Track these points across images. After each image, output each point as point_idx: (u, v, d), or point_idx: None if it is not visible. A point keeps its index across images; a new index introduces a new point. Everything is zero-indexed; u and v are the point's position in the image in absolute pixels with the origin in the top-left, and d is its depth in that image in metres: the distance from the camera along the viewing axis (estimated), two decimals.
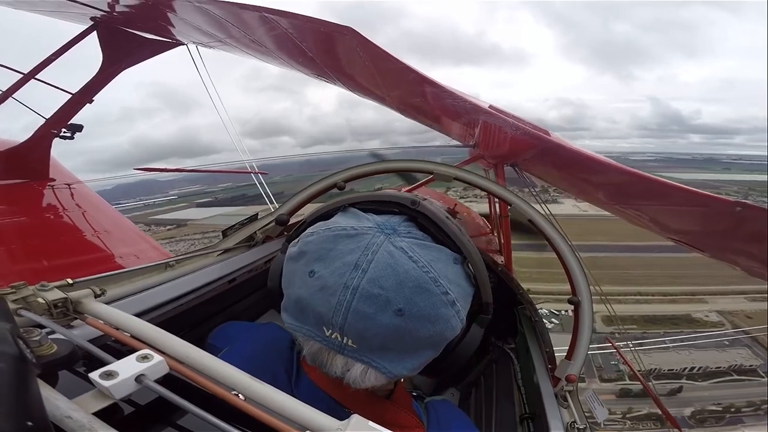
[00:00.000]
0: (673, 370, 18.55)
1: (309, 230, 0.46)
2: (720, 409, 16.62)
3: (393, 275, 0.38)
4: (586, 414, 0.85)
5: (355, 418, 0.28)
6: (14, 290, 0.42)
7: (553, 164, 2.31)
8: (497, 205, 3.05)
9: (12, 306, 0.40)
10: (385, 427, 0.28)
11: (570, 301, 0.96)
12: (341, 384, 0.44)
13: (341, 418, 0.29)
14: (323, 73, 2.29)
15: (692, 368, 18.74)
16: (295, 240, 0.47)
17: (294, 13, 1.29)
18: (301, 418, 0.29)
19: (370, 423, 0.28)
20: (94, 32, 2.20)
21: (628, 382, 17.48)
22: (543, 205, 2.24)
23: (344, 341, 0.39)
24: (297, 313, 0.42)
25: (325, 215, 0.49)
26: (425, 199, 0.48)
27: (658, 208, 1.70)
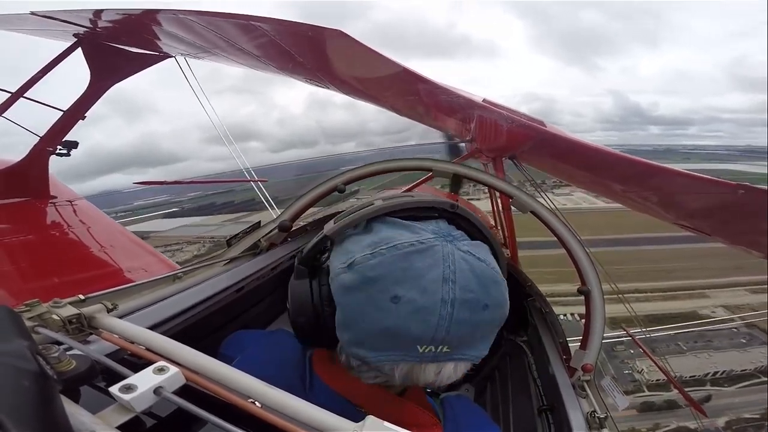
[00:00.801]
0: (695, 376, 17.35)
1: (363, 252, 0.41)
2: (757, 416, 15.26)
3: (474, 278, 0.41)
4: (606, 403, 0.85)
5: (370, 420, 0.28)
6: (29, 308, 0.43)
7: (551, 155, 2.31)
8: (498, 199, 3.05)
9: (28, 323, 0.41)
10: (400, 426, 0.28)
11: (580, 291, 0.95)
12: (354, 384, 0.45)
13: (356, 419, 0.29)
14: (315, 77, 2.29)
15: (715, 373, 17.57)
16: (343, 265, 0.41)
17: (280, 20, 1.30)
18: (316, 422, 0.30)
19: (385, 423, 0.28)
20: (80, 49, 2.20)
21: (648, 393, 16.08)
22: (544, 196, 2.24)
23: (439, 350, 0.40)
24: (383, 344, 0.40)
25: (356, 225, 0.45)
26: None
27: (661, 194, 1.70)
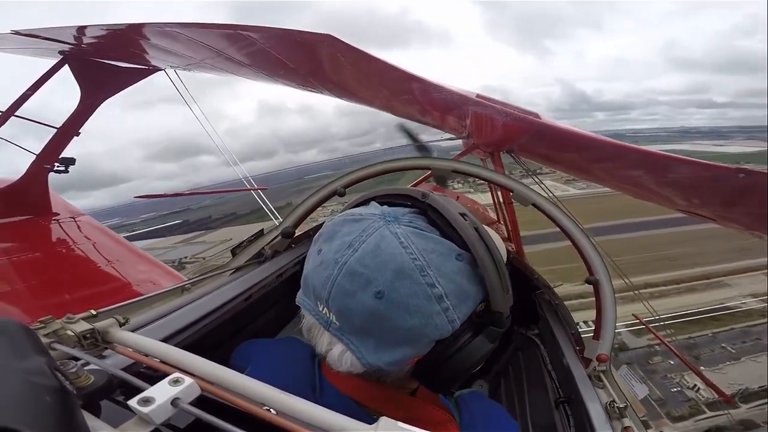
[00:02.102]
0: (764, 386, 14.08)
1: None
2: None
3: (378, 256, 0.39)
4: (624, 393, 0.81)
5: (384, 421, 0.29)
6: (43, 324, 0.44)
7: (548, 146, 2.30)
8: (499, 193, 3.05)
9: (44, 340, 0.41)
10: (414, 425, 0.28)
11: (588, 281, 0.94)
12: (364, 387, 0.46)
13: (367, 423, 0.30)
14: (308, 83, 2.30)
15: None
16: None
17: (268, 27, 1.30)
18: (331, 426, 0.30)
19: (399, 423, 0.28)
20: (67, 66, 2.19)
21: (710, 413, 13.01)
22: (544, 188, 2.24)
23: (330, 317, 0.41)
24: (304, 288, 0.46)
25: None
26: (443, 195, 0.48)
27: (662, 181, 1.69)
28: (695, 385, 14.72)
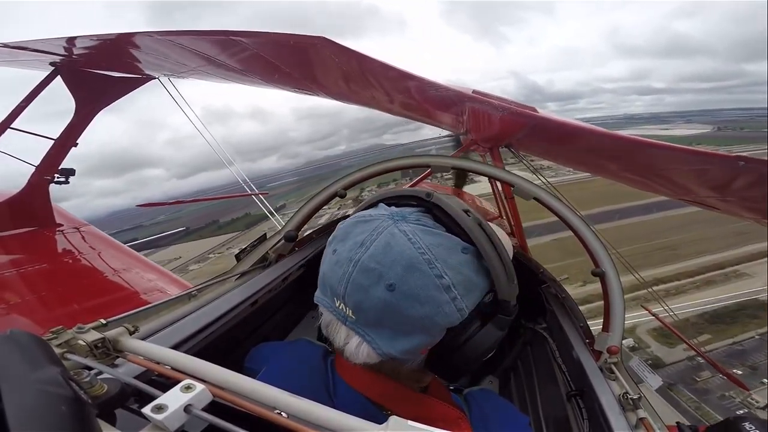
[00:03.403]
0: None
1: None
2: None
3: (389, 253, 0.42)
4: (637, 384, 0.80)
5: (393, 420, 0.29)
6: (55, 335, 0.44)
7: (546, 139, 2.29)
8: (500, 188, 3.04)
9: (57, 350, 0.42)
10: (425, 422, 0.28)
11: (594, 273, 0.93)
12: (376, 384, 0.46)
13: (380, 420, 0.30)
14: (303, 86, 2.29)
15: None
16: None
17: (261, 32, 1.29)
18: (342, 427, 0.31)
19: (409, 422, 0.29)
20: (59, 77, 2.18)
21: None
22: (545, 181, 2.24)
23: (347, 312, 0.43)
24: (321, 287, 0.48)
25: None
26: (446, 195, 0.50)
27: (662, 171, 1.69)
28: None
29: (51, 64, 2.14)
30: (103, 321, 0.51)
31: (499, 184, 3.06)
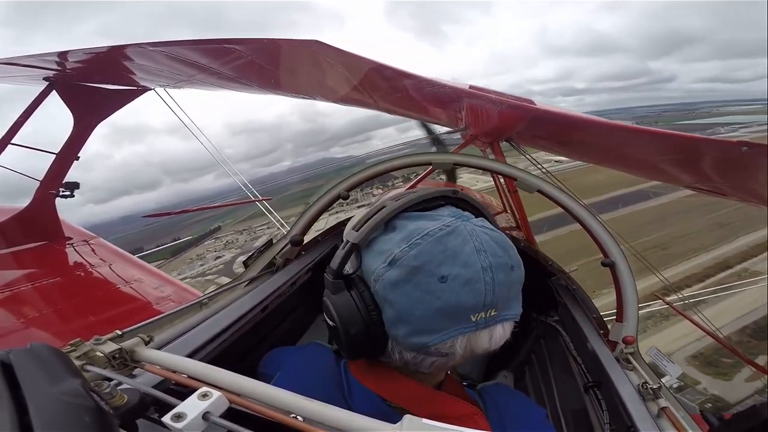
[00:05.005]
0: None
1: (401, 247, 0.43)
2: None
3: (497, 245, 0.46)
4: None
5: (408, 419, 0.29)
6: (74, 347, 0.46)
7: (546, 132, 2.28)
8: (503, 182, 3.03)
9: (76, 362, 0.43)
10: (439, 419, 0.29)
11: (604, 264, 0.92)
12: (390, 384, 0.47)
13: (395, 420, 0.31)
14: (300, 91, 2.29)
15: None
16: (384, 264, 0.43)
17: (254, 39, 1.29)
18: (356, 428, 0.31)
19: (424, 420, 0.29)
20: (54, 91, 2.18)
21: None
22: (547, 173, 2.22)
23: (489, 314, 0.43)
24: (441, 323, 0.42)
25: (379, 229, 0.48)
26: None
27: (667, 158, 1.67)
28: None
29: (45, 79, 2.15)
30: (118, 332, 0.53)
31: (501, 179, 3.05)
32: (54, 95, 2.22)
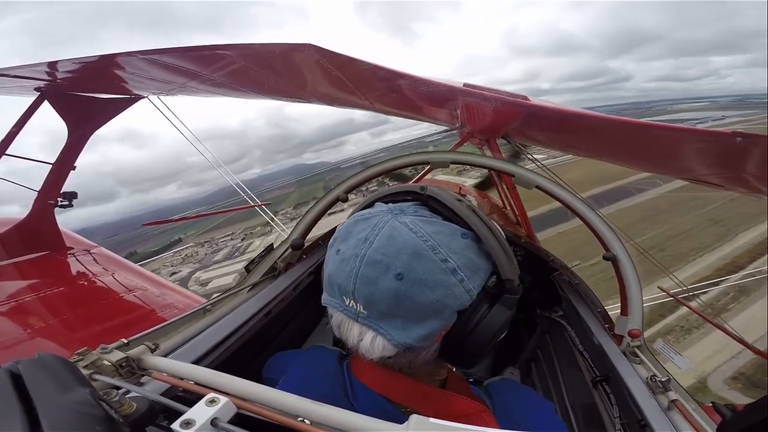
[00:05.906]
0: None
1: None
2: None
3: (393, 244, 0.43)
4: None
5: (414, 419, 0.30)
6: (81, 357, 0.46)
7: (542, 127, 2.28)
8: (501, 179, 3.04)
9: (84, 371, 0.44)
10: (446, 418, 0.29)
11: (606, 258, 0.91)
12: (394, 383, 0.47)
13: (401, 420, 0.31)
14: (295, 94, 2.29)
15: None
16: None
17: (246, 44, 1.29)
18: (363, 429, 0.32)
19: (431, 419, 0.29)
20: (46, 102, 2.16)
21: None
22: (545, 169, 2.23)
23: (358, 308, 0.43)
24: (328, 288, 0.48)
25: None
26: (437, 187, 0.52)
27: (664, 150, 1.67)
28: None
29: (36, 89, 2.13)
30: (124, 340, 0.53)
31: (499, 176, 3.05)
32: (47, 105, 2.22)
